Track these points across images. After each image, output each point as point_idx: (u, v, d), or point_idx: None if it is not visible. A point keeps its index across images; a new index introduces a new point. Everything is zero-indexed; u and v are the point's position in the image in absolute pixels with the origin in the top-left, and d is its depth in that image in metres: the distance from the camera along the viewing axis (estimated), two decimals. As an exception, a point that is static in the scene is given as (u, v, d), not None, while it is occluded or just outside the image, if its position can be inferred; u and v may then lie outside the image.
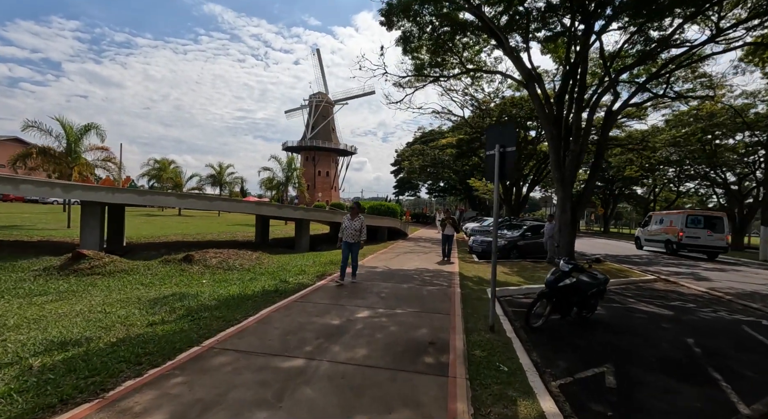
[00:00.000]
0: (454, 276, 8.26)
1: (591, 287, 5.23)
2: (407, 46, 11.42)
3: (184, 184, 35.01)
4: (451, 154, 24.42)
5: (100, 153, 16.71)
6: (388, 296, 6.04)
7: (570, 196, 10.54)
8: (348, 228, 6.73)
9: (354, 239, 6.76)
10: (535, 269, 10.04)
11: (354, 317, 4.75)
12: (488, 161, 4.77)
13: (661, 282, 9.94)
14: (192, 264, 7.59)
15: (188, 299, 5.39)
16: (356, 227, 6.74)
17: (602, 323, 5.56)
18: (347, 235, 6.72)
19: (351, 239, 6.74)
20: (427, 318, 4.83)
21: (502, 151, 4.48)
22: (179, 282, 6.51)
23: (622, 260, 14.57)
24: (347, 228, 6.71)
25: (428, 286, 7.00)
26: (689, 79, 12.99)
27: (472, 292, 6.76)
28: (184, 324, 4.24)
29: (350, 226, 6.71)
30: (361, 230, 6.83)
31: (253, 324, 4.30)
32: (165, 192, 10.40)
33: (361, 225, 6.83)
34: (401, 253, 12.37)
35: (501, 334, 4.48)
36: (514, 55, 10.73)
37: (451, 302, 5.82)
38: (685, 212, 16.34)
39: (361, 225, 6.81)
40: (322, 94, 63.38)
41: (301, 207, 12.72)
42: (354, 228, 6.72)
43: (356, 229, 6.74)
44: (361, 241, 6.88)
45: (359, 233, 6.79)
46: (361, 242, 6.90)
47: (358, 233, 6.78)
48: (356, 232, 6.74)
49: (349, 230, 6.71)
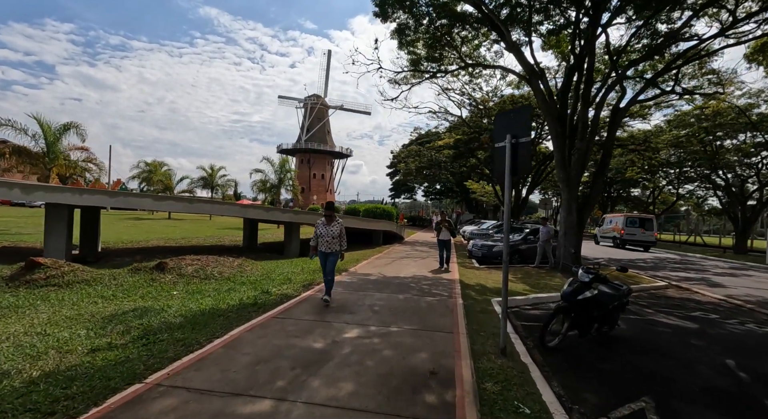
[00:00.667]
0: (455, 285, 7.59)
1: (614, 299, 4.57)
2: (403, 39, 10.80)
3: (174, 186, 34.04)
4: (448, 155, 23.84)
5: (81, 153, 15.94)
6: (382, 309, 5.33)
7: (576, 197, 9.94)
8: (324, 235, 5.49)
9: (331, 248, 5.50)
10: (540, 276, 9.40)
11: (341, 337, 4.04)
12: (497, 155, 4.11)
13: (674, 289, 9.34)
14: (165, 273, 6.83)
15: (150, 315, 4.65)
16: (334, 234, 5.50)
17: (624, 340, 4.90)
18: (323, 243, 5.50)
19: (327, 248, 5.51)
20: (427, 338, 4.14)
21: (514, 142, 3.82)
22: (146, 294, 5.76)
23: (627, 264, 14.01)
24: (323, 235, 5.48)
25: (427, 297, 6.31)
26: (696, 76, 12.52)
27: (475, 303, 6.08)
28: (134, 350, 3.51)
29: (326, 232, 5.48)
30: (341, 237, 5.56)
31: (218, 348, 3.58)
32: (139, 194, 9.64)
33: (340, 231, 5.55)
34: (397, 258, 11.67)
35: (514, 358, 3.79)
36: (516, 49, 10.15)
37: (453, 316, 5.13)
38: (624, 215, 20.63)
39: (339, 231, 5.54)
40: (317, 97, 62.76)
41: (290, 210, 12.00)
42: (331, 235, 5.49)
43: (334, 235, 5.49)
44: (341, 250, 5.61)
45: (338, 240, 5.53)
46: (341, 251, 5.61)
47: (337, 240, 5.52)
48: (334, 239, 5.49)
49: (326, 237, 5.49)
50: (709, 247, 24.75)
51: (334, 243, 5.51)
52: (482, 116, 18.67)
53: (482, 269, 10.17)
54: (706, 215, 36.90)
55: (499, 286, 7.90)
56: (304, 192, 56.80)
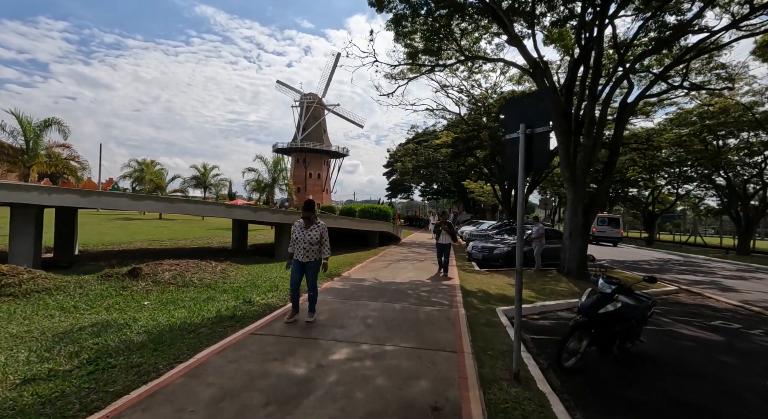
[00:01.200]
0: (455, 291, 7.03)
1: (638, 313, 4.04)
2: (399, 30, 10.24)
3: (166, 186, 33.24)
4: (446, 154, 23.30)
5: (62, 151, 15.21)
6: (377, 322, 4.77)
7: (582, 197, 9.43)
8: (300, 240, 4.51)
9: (309, 256, 4.53)
10: (545, 280, 8.87)
11: (327, 360, 3.47)
12: (508, 149, 3.55)
13: (685, 294, 8.86)
14: (138, 280, 6.22)
15: (110, 332, 4.06)
16: (312, 239, 4.51)
17: (647, 356, 4.37)
18: (299, 250, 4.53)
19: (305, 256, 4.52)
20: (428, 360, 3.58)
21: (529, 133, 3.27)
22: (113, 305, 5.16)
23: (631, 266, 13.55)
24: (299, 240, 4.51)
25: (426, 306, 5.75)
26: (703, 72, 12.06)
27: (479, 314, 5.52)
28: (76, 380, 2.92)
29: (303, 237, 4.50)
30: (321, 243, 4.60)
31: (178, 377, 3.00)
32: (115, 193, 9.00)
33: (321, 235, 4.58)
34: (393, 261, 11.11)
35: (529, 385, 3.24)
36: (519, 42, 9.62)
37: (455, 330, 4.58)
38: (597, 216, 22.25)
39: (320, 235, 4.57)
40: (314, 95, 62.06)
41: (280, 210, 11.40)
42: (309, 240, 4.50)
43: (312, 241, 4.51)
44: (322, 259, 4.67)
45: (318, 246, 4.60)
46: (322, 260, 4.68)
47: (317, 246, 4.58)
48: (312, 246, 4.53)
49: (302, 243, 4.50)
50: (710, 248, 24.43)
51: (313, 250, 4.54)
52: (481, 113, 18.15)
53: (483, 273, 9.64)
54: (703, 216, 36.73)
55: (502, 292, 7.37)
56: (300, 192, 56.12)
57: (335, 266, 9.38)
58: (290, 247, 4.67)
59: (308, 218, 4.52)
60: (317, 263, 4.65)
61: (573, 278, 9.17)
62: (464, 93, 18.53)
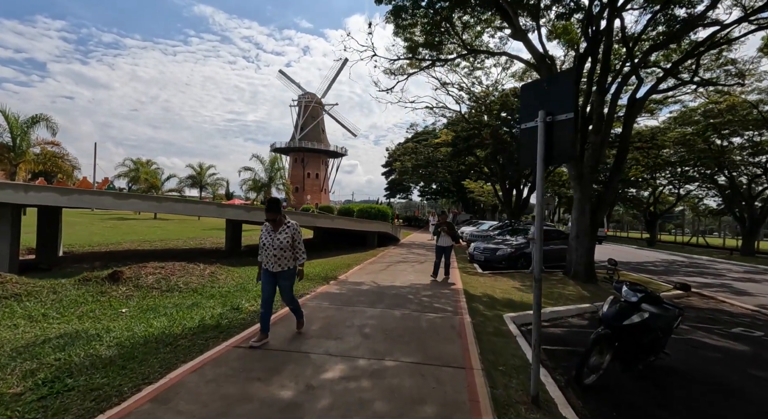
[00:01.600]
0: (459, 295, 6.63)
1: (664, 322, 3.65)
2: (399, 22, 9.83)
3: (161, 185, 32.72)
4: (446, 153, 22.91)
5: (51, 149, 14.72)
6: (375, 332, 4.35)
7: (589, 197, 9.05)
8: (269, 246, 3.75)
9: (282, 264, 3.76)
10: (552, 283, 8.47)
11: (319, 379, 3.05)
12: (523, 139, 3.15)
13: (697, 297, 8.49)
14: (119, 284, 5.79)
15: (78, 345, 3.63)
16: (282, 243, 3.73)
17: (672, 370, 3.98)
18: (269, 258, 3.76)
19: (275, 265, 3.74)
20: (433, 378, 3.16)
21: (549, 120, 2.86)
22: (87, 313, 4.72)
23: (636, 267, 13.18)
24: (267, 246, 3.76)
25: (428, 312, 5.34)
26: (712, 68, 11.71)
27: (486, 321, 5.11)
28: (21, 407, 2.49)
29: (272, 242, 3.74)
30: (295, 247, 3.83)
31: (143, 404, 2.57)
32: (98, 191, 8.56)
33: (293, 238, 3.80)
34: (393, 263, 10.70)
35: (550, 409, 2.83)
36: (524, 35, 9.23)
37: (462, 341, 4.16)
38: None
39: (291, 238, 3.79)
40: (312, 95, 61.63)
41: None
42: (279, 245, 3.72)
43: (283, 246, 3.72)
44: (297, 267, 3.91)
45: (290, 252, 3.80)
46: (298, 268, 3.91)
47: (289, 252, 3.79)
48: (283, 252, 3.74)
49: (270, 249, 3.73)
50: (712, 248, 24.14)
51: (285, 257, 3.77)
52: (482, 112, 17.76)
53: (486, 276, 9.24)
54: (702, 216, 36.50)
55: (508, 297, 6.97)
56: (297, 192, 55.66)
57: (331, 268, 8.96)
58: (259, 255, 3.91)
59: (273, 220, 3.79)
60: (291, 273, 3.88)
61: (580, 281, 8.78)
62: (465, 91, 18.14)
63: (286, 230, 3.81)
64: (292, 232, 3.83)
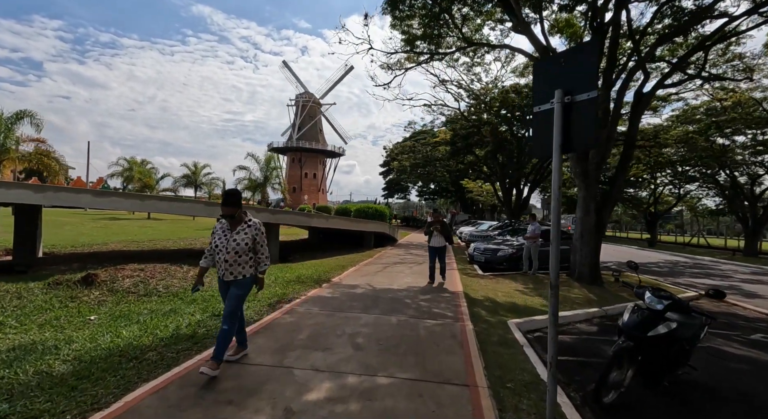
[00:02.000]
0: (459, 299, 6.23)
1: (690, 331, 3.25)
2: (396, 14, 9.42)
3: (155, 185, 32.18)
4: (444, 151, 22.51)
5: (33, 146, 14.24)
6: (368, 342, 3.94)
7: (595, 195, 8.67)
8: (222, 249, 3.06)
9: (236, 272, 3.06)
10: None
11: (300, 402, 2.64)
12: (536, 124, 2.75)
13: (706, 300, 8.13)
14: (92, 288, 5.35)
15: (30, 359, 3.20)
16: (240, 246, 3.04)
17: (697, 384, 3.59)
18: (221, 263, 3.06)
19: (229, 272, 3.06)
20: (432, 399, 2.75)
21: (568, 101, 2.46)
22: (50, 321, 4.29)
23: (640, 269, 12.82)
24: (220, 249, 3.07)
25: (426, 319, 4.93)
26: (718, 63, 11.38)
27: (489, 329, 4.71)
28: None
29: (226, 244, 3.05)
30: (256, 251, 3.16)
31: (85, 437, 2.15)
32: (76, 189, 8.11)
33: (254, 239, 3.11)
34: (389, 264, 10.29)
35: (569, 437, 2.42)
36: (527, 27, 8.85)
37: (464, 352, 3.76)
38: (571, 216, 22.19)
39: (253, 239, 3.10)
40: (309, 94, 61.17)
41: (266, 209, 10.54)
42: (235, 248, 3.03)
43: (240, 249, 3.04)
44: (258, 275, 3.22)
45: (248, 256, 3.11)
46: (258, 276, 3.22)
47: (247, 257, 3.10)
48: (239, 256, 3.04)
49: (224, 252, 3.04)
50: (713, 249, 23.86)
51: (241, 263, 3.05)
52: (482, 109, 17.39)
53: (488, 278, 8.84)
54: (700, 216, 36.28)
55: (511, 300, 6.57)
56: (295, 192, 55.19)
57: (325, 270, 8.54)
58: (204, 258, 3.19)
59: (231, 217, 3.07)
60: (248, 282, 3.12)
61: (585, 284, 8.40)
62: (463, 88, 17.77)
63: (246, 230, 3.09)
64: (253, 232, 3.10)
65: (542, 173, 18.53)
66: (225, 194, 3.15)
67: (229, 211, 3.07)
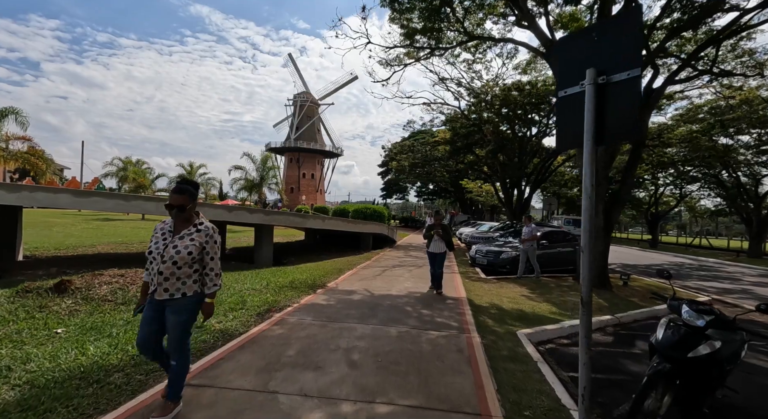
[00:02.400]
0: (463, 306, 5.83)
1: (731, 349, 2.86)
2: (395, 5, 9.02)
3: (149, 185, 31.64)
4: (444, 151, 22.11)
5: (21, 144, 13.77)
6: (365, 359, 3.53)
7: (603, 196, 8.31)
8: (156, 256, 2.30)
9: (172, 289, 2.29)
10: (563, 291, 7.70)
11: (284, 439, 2.22)
12: (562, 111, 2.35)
13: (720, 306, 7.76)
14: (65, 296, 4.91)
15: (-25, 383, 2.76)
16: (179, 256, 2.28)
17: (733, 407, 3.21)
18: (152, 275, 2.31)
19: (163, 288, 2.28)
20: (439, 434, 2.34)
21: (602, 81, 2.06)
22: (11, 335, 3.85)
23: (645, 271, 12.47)
24: (155, 257, 2.30)
25: (430, 330, 4.52)
26: (727, 60, 11.04)
27: (498, 341, 4.30)
28: None
29: (163, 251, 2.30)
30: (205, 264, 2.40)
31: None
32: (54, 188, 7.66)
33: (202, 247, 2.35)
34: (388, 267, 9.88)
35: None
36: (531, 18, 8.48)
37: (473, 371, 3.35)
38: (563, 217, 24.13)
39: (201, 248, 2.35)
40: (307, 94, 60.71)
41: (260, 210, 10.11)
42: (173, 257, 2.27)
43: (181, 259, 2.28)
44: (205, 297, 2.42)
45: (193, 269, 2.35)
46: (206, 299, 2.42)
47: (188, 269, 2.32)
48: (178, 268, 2.28)
49: (158, 261, 2.28)
50: (716, 250, 23.60)
51: (180, 278, 2.31)
52: (482, 108, 17.02)
53: (491, 282, 8.44)
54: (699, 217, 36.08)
55: (518, 307, 6.16)
56: (293, 192, 54.73)
57: (321, 274, 8.12)
58: (146, 270, 2.37)
59: (181, 208, 2.32)
60: (190, 304, 2.35)
61: (593, 288, 8.01)
62: (463, 87, 17.38)
63: (193, 236, 2.34)
64: (202, 239, 2.35)
65: (544, 173, 18.18)
66: (177, 184, 2.44)
67: (178, 200, 2.30)
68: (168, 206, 2.35)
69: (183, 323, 2.36)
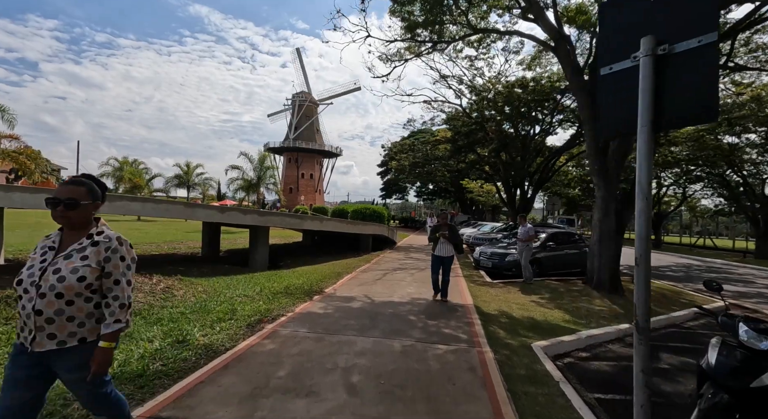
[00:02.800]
0: (471, 314, 5.41)
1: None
2: (396, -3, 8.60)
3: (146, 185, 31.17)
4: (445, 150, 21.69)
5: (9, 143, 13.31)
6: (366, 381, 3.10)
7: (615, 195, 7.90)
8: (29, 287, 1.52)
9: (58, 334, 1.54)
10: (574, 296, 7.29)
11: None
12: (604, 92, 1.93)
13: (740, 311, 7.37)
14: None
15: None
16: (62, 284, 1.52)
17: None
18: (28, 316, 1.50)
19: (41, 333, 1.51)
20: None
21: (663, 52, 1.65)
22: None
23: (654, 273, 12.09)
24: (26, 286, 1.53)
25: (437, 343, 4.10)
26: (739, 54, 10.66)
27: (513, 356, 3.89)
28: None
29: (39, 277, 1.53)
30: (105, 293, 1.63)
31: None
32: (31, 188, 7.22)
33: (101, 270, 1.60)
34: (389, 270, 9.46)
35: None
36: (539, 9, 8.09)
37: (489, 395, 2.94)
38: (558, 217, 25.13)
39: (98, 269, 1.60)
40: (305, 94, 60.27)
41: (253, 211, 9.70)
42: (54, 285, 1.51)
43: (61, 288, 1.51)
44: (105, 329, 1.59)
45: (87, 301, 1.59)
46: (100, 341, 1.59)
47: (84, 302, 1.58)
48: (61, 301, 1.52)
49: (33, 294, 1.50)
50: (722, 250, 23.23)
51: (72, 315, 1.56)
52: (484, 106, 16.62)
53: (497, 286, 8.03)
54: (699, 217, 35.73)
55: (529, 315, 5.75)
56: (292, 192, 54.27)
57: (318, 278, 7.69)
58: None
59: (68, 218, 1.63)
60: (82, 356, 1.60)
61: (606, 293, 7.60)
62: (465, 84, 16.99)
63: (86, 251, 1.63)
64: (101, 257, 1.63)
65: (547, 172, 17.77)
66: (68, 181, 1.75)
67: (65, 192, 1.61)
68: (51, 200, 1.57)
69: (93, 379, 1.61)
